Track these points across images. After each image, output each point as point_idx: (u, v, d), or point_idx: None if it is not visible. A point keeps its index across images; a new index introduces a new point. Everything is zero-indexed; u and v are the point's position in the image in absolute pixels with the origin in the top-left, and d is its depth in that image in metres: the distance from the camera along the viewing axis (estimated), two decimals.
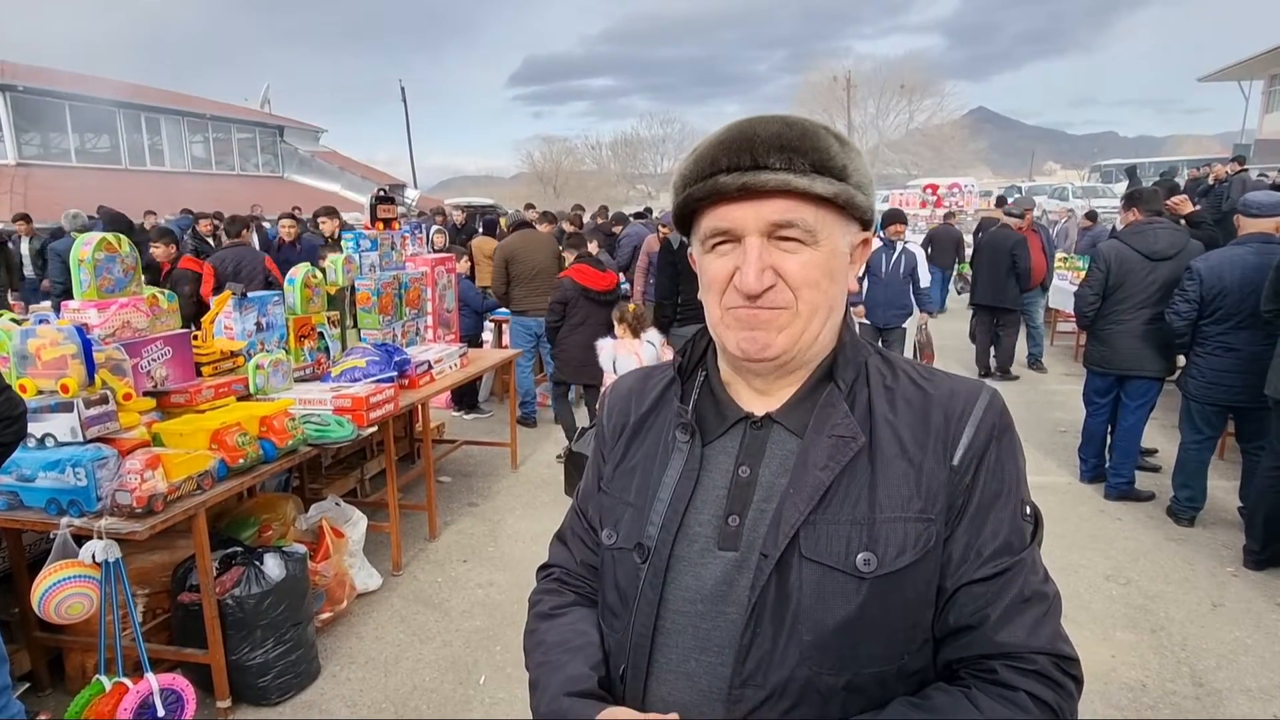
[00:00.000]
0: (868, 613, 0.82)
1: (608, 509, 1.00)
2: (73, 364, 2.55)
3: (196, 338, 3.59)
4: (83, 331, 2.64)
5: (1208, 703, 2.88)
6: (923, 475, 0.86)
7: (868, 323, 6.30)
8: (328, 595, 3.37)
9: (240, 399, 3.36)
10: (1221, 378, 4.03)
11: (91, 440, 2.55)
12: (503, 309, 6.69)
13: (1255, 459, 4.00)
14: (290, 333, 3.97)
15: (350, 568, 3.57)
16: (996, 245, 7.37)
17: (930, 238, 11.54)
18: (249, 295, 3.91)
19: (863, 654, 0.83)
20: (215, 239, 9.01)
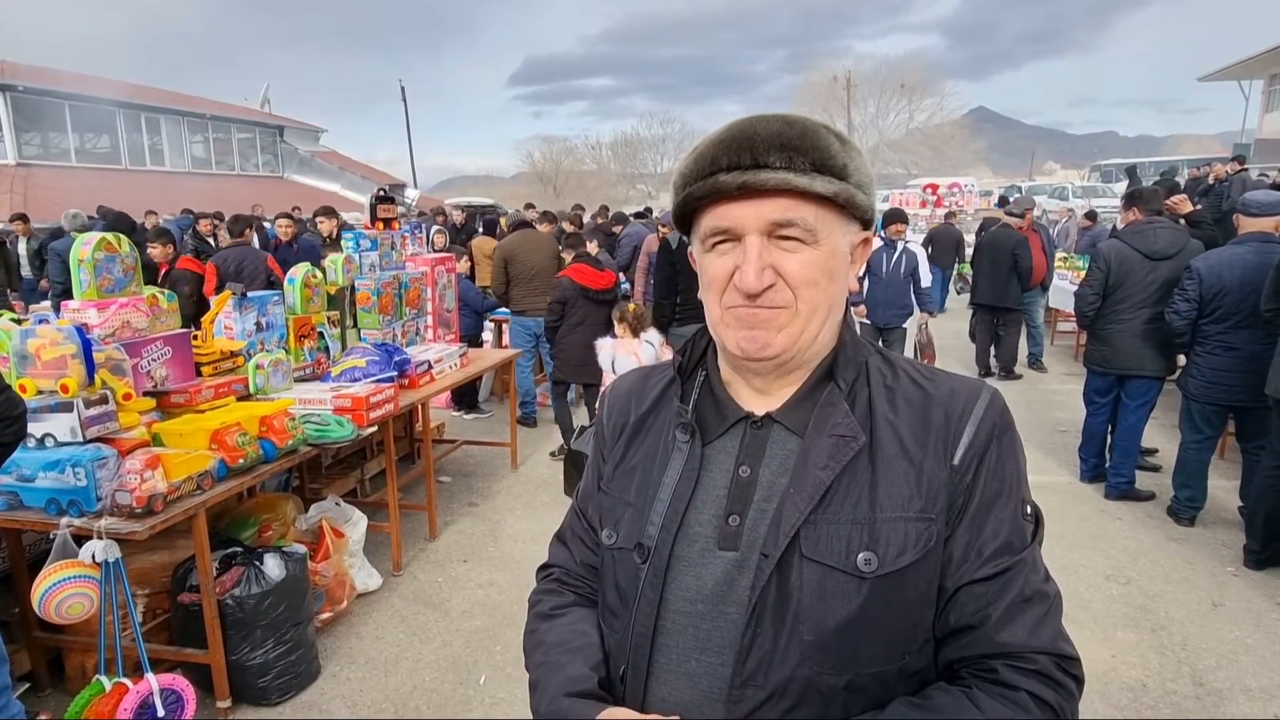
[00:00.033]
0: (868, 613, 0.82)
1: (607, 509, 1.00)
2: (72, 364, 2.55)
3: (196, 338, 3.59)
4: (82, 331, 2.64)
5: (1208, 702, 2.88)
6: (923, 475, 0.85)
7: (868, 323, 6.30)
8: (328, 595, 3.37)
9: (240, 399, 3.36)
10: (1221, 377, 4.03)
11: (91, 440, 2.55)
12: (503, 309, 6.69)
13: (1255, 459, 4.00)
14: (290, 332, 3.97)
15: (350, 568, 3.57)
16: (998, 245, 7.35)
17: (931, 237, 11.52)
18: (249, 295, 3.91)
19: (863, 654, 0.83)
20: (215, 238, 9.01)
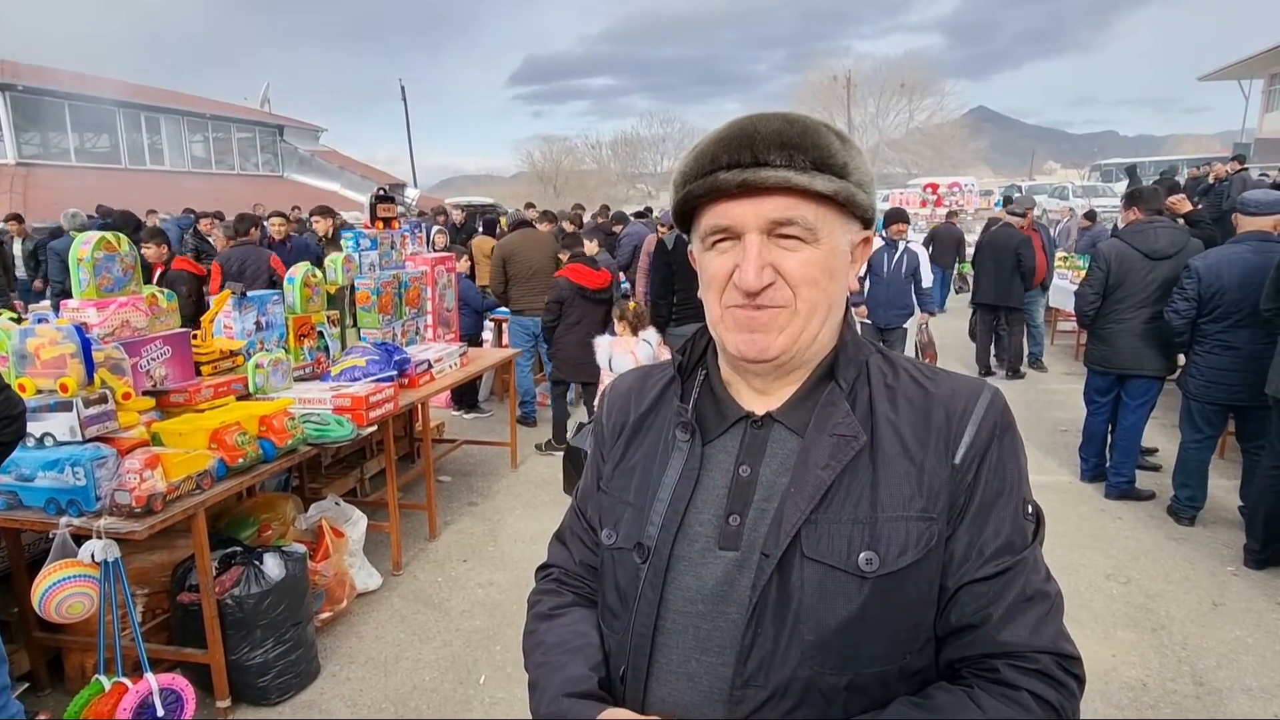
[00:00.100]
0: (870, 612, 0.82)
1: (607, 508, 0.99)
2: (72, 363, 2.55)
3: (196, 337, 3.59)
4: (82, 331, 2.63)
5: (1208, 702, 2.87)
6: (924, 474, 0.85)
7: (869, 323, 6.29)
8: (327, 595, 3.37)
9: (240, 398, 3.35)
10: (1221, 376, 4.03)
11: (90, 440, 2.55)
12: (503, 308, 6.69)
13: (1255, 458, 3.99)
14: (290, 332, 3.97)
15: (350, 567, 3.56)
16: (1000, 244, 7.34)
17: (932, 236, 11.52)
18: (248, 294, 3.91)
19: (864, 654, 0.82)
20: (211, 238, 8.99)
